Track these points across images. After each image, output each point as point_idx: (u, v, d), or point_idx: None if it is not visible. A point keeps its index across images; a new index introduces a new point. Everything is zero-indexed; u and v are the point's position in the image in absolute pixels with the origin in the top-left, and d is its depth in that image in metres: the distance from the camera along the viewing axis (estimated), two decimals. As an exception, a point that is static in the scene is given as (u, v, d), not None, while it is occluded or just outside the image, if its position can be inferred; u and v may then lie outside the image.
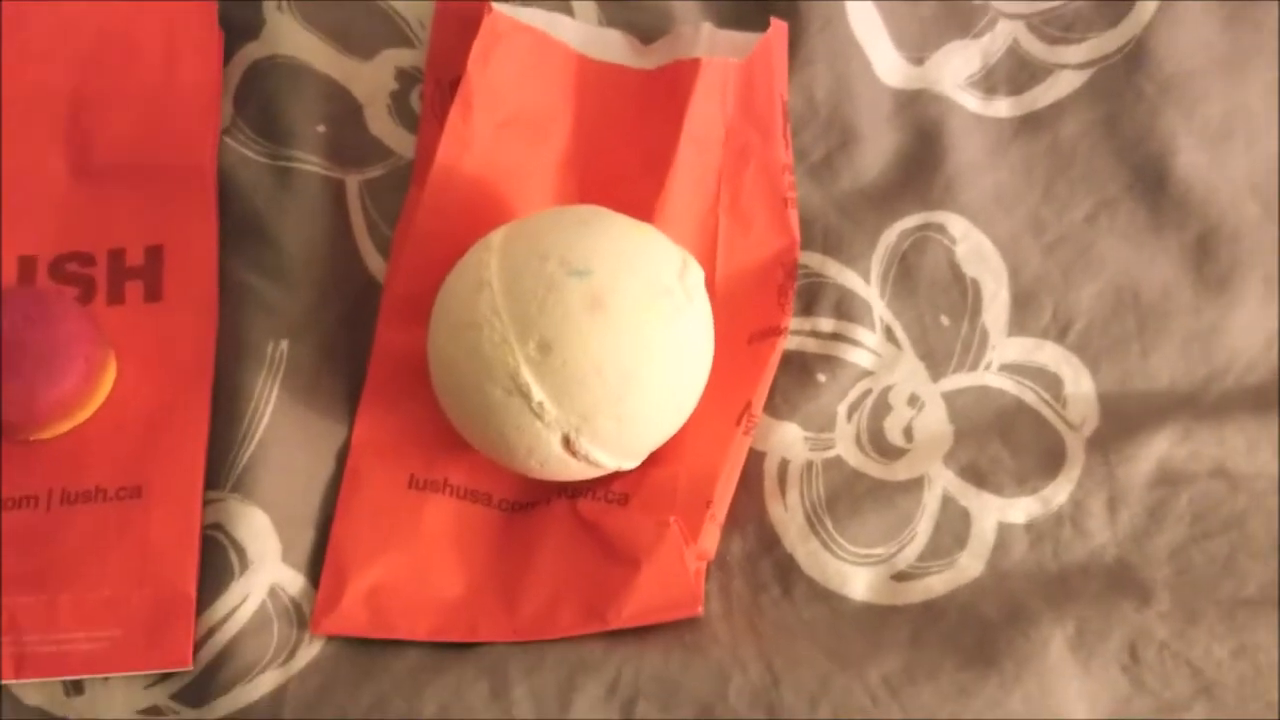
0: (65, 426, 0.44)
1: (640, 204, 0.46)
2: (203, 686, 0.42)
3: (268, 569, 0.43)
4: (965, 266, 0.49)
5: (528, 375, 0.40)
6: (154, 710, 0.42)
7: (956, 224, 0.49)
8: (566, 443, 0.41)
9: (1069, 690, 0.42)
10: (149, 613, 0.42)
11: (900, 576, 0.44)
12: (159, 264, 0.46)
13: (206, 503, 0.44)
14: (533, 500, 0.45)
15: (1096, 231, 0.49)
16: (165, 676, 0.42)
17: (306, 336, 0.46)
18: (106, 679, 0.42)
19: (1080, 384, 0.48)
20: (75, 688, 0.42)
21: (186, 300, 0.46)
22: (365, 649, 0.43)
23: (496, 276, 0.41)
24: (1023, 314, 0.48)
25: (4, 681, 0.42)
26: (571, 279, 0.40)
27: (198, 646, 0.42)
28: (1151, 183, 0.49)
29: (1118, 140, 0.50)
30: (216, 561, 0.43)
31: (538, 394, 0.40)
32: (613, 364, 0.40)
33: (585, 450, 0.41)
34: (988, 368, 0.48)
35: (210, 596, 0.43)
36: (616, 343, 0.40)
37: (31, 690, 0.42)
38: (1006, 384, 0.48)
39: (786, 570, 0.44)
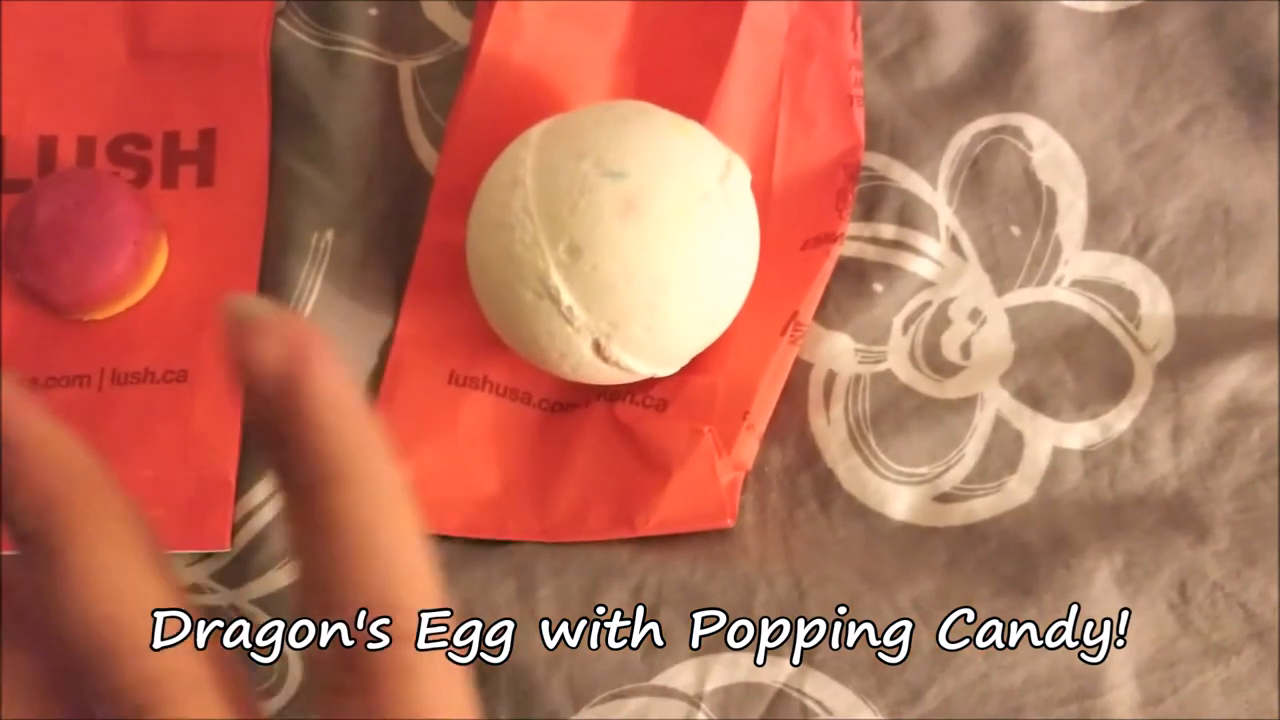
0: (117, 308, 0.45)
1: (696, 99, 0.44)
2: (239, 568, 0.43)
3: (307, 457, 0.44)
4: (1041, 174, 0.46)
5: (557, 279, 0.39)
6: (194, 588, 0.43)
7: (1035, 128, 0.46)
8: (597, 348, 0.40)
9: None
10: (191, 495, 0.43)
11: (943, 498, 0.43)
12: (211, 148, 0.46)
13: (248, 390, 0.44)
14: (572, 401, 0.45)
15: (1190, 140, 0.46)
16: (205, 556, 0.43)
17: (352, 227, 0.46)
18: (151, 555, 0.44)
19: (1158, 304, 0.45)
20: (122, 562, 0.44)
21: (237, 186, 0.46)
22: (396, 541, 0.43)
23: (531, 175, 0.40)
24: (1100, 227, 0.45)
25: (57, 552, 0.43)
26: (606, 180, 0.39)
27: (235, 530, 0.43)
28: (1256, 88, 0.46)
29: (1223, 40, 0.46)
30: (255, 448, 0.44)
31: (567, 299, 0.39)
32: (643, 271, 0.39)
33: (616, 356, 0.40)
34: (1058, 283, 0.45)
35: (248, 482, 0.43)
36: (648, 249, 0.39)
37: (82, 561, 0.44)
38: (1077, 300, 0.45)
39: (825, 485, 0.43)
